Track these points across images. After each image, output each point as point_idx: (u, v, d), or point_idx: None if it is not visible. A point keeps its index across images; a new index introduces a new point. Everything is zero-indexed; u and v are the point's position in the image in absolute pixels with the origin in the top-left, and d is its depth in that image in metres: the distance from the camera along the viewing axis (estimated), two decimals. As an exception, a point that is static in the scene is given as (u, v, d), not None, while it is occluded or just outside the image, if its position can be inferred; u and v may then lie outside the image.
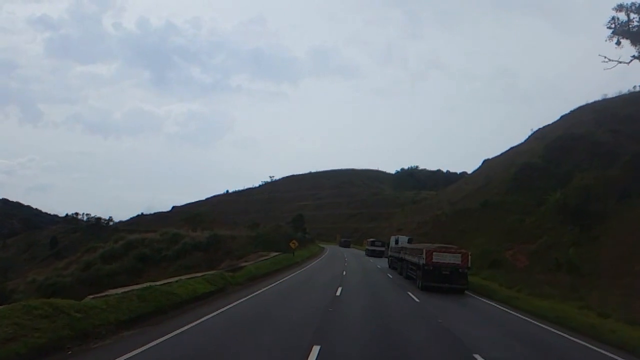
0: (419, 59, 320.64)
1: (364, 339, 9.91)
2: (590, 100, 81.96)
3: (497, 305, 16.96)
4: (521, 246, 36.01)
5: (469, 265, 21.15)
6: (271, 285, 17.91)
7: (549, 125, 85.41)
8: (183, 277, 13.35)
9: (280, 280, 20.49)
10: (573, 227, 35.13)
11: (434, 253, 20.94)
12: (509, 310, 15.69)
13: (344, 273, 27.87)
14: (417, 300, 16.79)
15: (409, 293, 18.83)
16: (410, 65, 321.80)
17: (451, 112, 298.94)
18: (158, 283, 11.78)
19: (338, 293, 16.74)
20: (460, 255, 21.07)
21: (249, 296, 14.11)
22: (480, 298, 19.28)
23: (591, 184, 40.49)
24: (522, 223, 39.49)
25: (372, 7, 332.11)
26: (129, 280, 36.37)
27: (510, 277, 24.97)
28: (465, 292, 21.36)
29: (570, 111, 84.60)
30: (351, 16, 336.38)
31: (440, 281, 20.62)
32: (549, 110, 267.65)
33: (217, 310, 11.14)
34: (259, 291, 15.57)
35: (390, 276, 28.86)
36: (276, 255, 31.28)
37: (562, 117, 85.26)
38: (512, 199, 46.39)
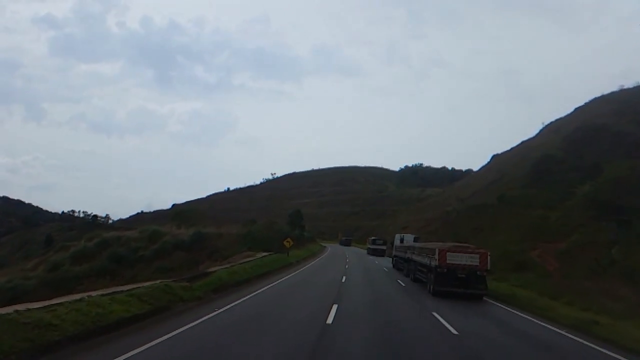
0: (422, 58, 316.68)
1: None
2: (606, 92, 78.65)
3: (583, 341, 10.85)
4: (548, 245, 31.48)
5: (489, 267, 18.42)
6: (240, 301, 12.94)
7: (562, 118, 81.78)
8: (94, 294, 8.90)
9: (256, 292, 15.36)
10: (608, 223, 30.72)
11: (448, 253, 18.45)
12: (614, 355, 9.59)
13: (343, 279, 22.48)
14: (453, 331, 10.93)
15: (437, 315, 13.05)
16: (413, 64, 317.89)
17: (454, 110, 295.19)
18: (36, 305, 7.31)
19: (330, 319, 11.05)
20: (478, 255, 18.42)
21: (190, 325, 8.98)
22: (535, 320, 13.59)
23: (624, 176, 36.03)
24: (546, 219, 34.90)
25: (375, 6, 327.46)
26: (99, 283, 32.10)
27: (547, 284, 20.43)
28: (484, 298, 18.28)
29: (585, 103, 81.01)
30: (354, 15, 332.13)
31: (456, 285, 18.18)
32: (552, 107, 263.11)
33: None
34: (214, 313, 10.59)
35: (402, 284, 23.13)
36: (265, 256, 26.67)
37: (576, 109, 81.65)
38: (532, 192, 41.76)
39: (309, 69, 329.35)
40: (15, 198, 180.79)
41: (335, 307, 12.89)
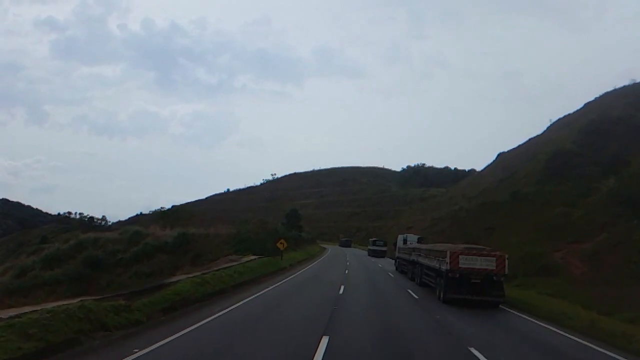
0: (424, 59, 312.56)
1: None
2: (619, 85, 76.07)
3: None
4: (572, 246, 28.14)
5: (507, 271, 16.63)
6: (188, 330, 8.98)
7: (571, 113, 78.96)
8: None
9: (221, 312, 11.30)
10: (639, 220, 27.43)
11: (460, 256, 16.71)
12: None
13: (341, 290, 18.15)
14: None
15: (479, 355, 8.87)
16: (415, 65, 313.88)
17: (456, 110, 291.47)
18: None
19: None
20: (494, 258, 16.73)
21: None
22: None
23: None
24: (568, 218, 31.52)
25: (376, 6, 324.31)
26: (72, 291, 28.84)
27: (585, 293, 17.05)
28: (500, 306, 16.06)
29: (596, 98, 78.29)
30: (355, 16, 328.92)
31: (469, 292, 16.52)
32: (554, 106, 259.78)
33: None
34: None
35: (414, 295, 18.93)
36: (251, 260, 23.23)
37: (586, 104, 78.76)
38: (549, 189, 38.47)
39: (310, 70, 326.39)
40: (16, 200, 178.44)
41: (325, 342, 8.72)
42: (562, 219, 31.68)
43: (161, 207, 61.23)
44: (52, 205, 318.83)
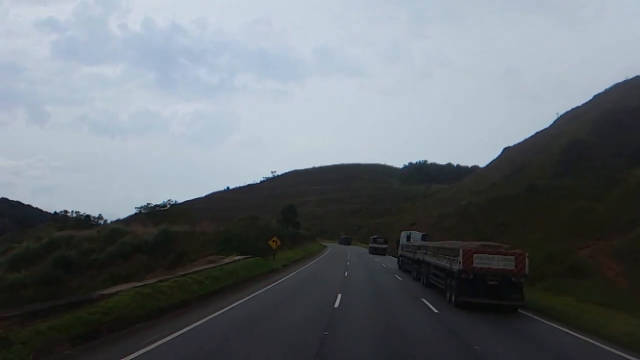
0: (425, 57, 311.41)
1: None
2: (630, 76, 73.26)
3: None
4: (598, 244, 24.97)
5: (526, 271, 15.14)
6: None
7: (580, 106, 76.18)
8: None
9: (156, 345, 7.52)
10: (677, 215, 24.34)
11: (475, 255, 15.13)
12: None
13: (337, 302, 14.30)
14: None
15: None
16: (416, 63, 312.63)
17: (458, 107, 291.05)
18: None
19: None
20: (513, 257, 15.19)
21: None
22: None
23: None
24: (592, 212, 28.39)
25: (376, 6, 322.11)
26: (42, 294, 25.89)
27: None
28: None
29: (605, 89, 75.52)
30: (355, 16, 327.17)
31: (484, 295, 14.98)
32: (555, 104, 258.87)
33: None
34: None
35: (434, 308, 14.94)
36: (233, 262, 20.03)
37: (595, 96, 75.90)
38: (567, 182, 35.39)
39: (311, 70, 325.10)
40: (16, 200, 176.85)
41: None
42: (584, 213, 28.57)
43: (147, 203, 57.35)
44: (53, 204, 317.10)
